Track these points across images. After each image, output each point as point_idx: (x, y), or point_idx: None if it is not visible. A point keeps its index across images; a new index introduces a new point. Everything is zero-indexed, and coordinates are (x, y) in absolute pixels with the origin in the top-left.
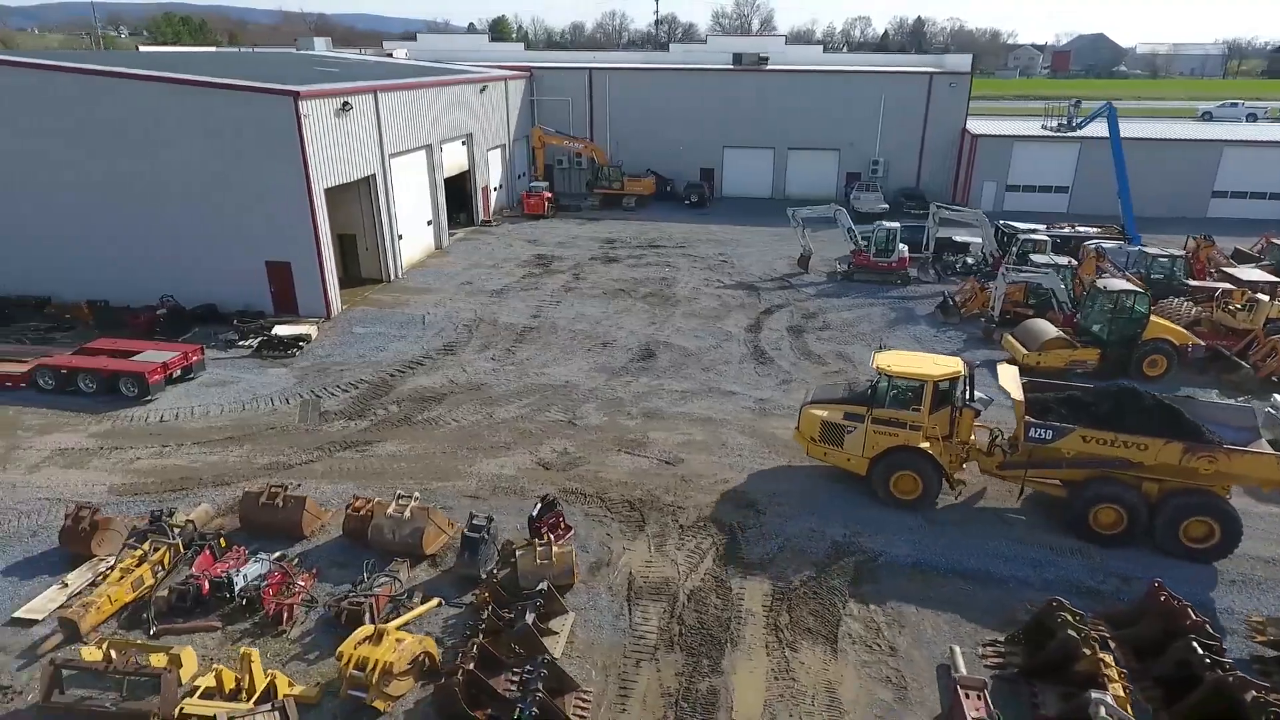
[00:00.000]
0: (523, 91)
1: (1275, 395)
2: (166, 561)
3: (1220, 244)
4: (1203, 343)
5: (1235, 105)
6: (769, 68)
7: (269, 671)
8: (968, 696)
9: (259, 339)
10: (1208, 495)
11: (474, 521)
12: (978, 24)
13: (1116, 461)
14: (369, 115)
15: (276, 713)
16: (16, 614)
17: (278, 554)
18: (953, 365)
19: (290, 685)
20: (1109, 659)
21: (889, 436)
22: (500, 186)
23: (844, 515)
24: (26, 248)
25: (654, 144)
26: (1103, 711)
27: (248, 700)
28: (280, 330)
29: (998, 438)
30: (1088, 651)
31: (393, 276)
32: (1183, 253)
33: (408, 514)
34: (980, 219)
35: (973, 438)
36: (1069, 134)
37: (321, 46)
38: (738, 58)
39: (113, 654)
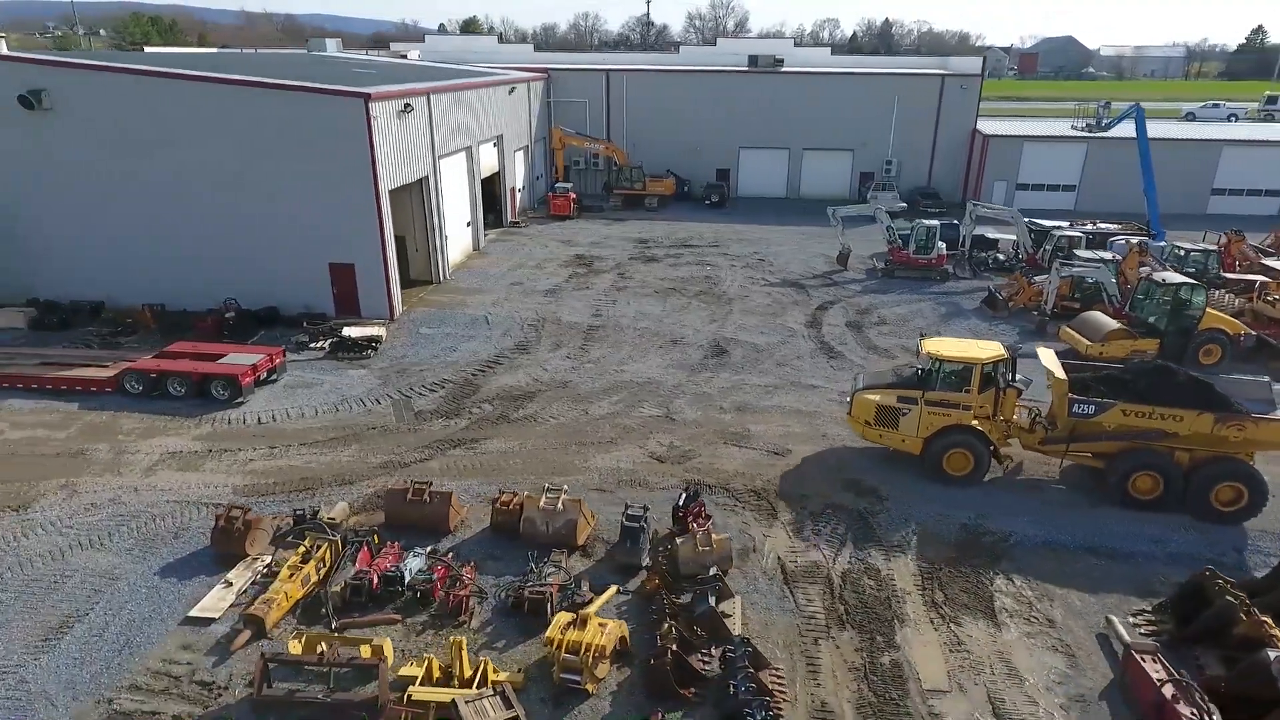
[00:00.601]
0: (540, 93)
1: None
2: (328, 558)
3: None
4: (1253, 332)
5: (1217, 106)
6: (784, 70)
7: (480, 658)
8: (1145, 660)
9: (330, 341)
10: (1236, 461)
11: (630, 511)
12: (945, 26)
13: (1153, 433)
14: (423, 117)
15: (498, 697)
16: (191, 613)
17: (429, 548)
18: (996, 349)
19: (495, 671)
20: (1270, 621)
21: (942, 416)
22: (524, 188)
23: (963, 499)
24: (82, 253)
25: (670, 145)
26: None
27: (459, 687)
28: (350, 332)
29: (1037, 416)
30: (1244, 616)
31: (443, 278)
32: (1216, 247)
33: (560, 506)
34: (1016, 217)
35: (1015, 416)
36: (1100, 134)
37: (333, 48)
38: (753, 60)
39: (323, 646)
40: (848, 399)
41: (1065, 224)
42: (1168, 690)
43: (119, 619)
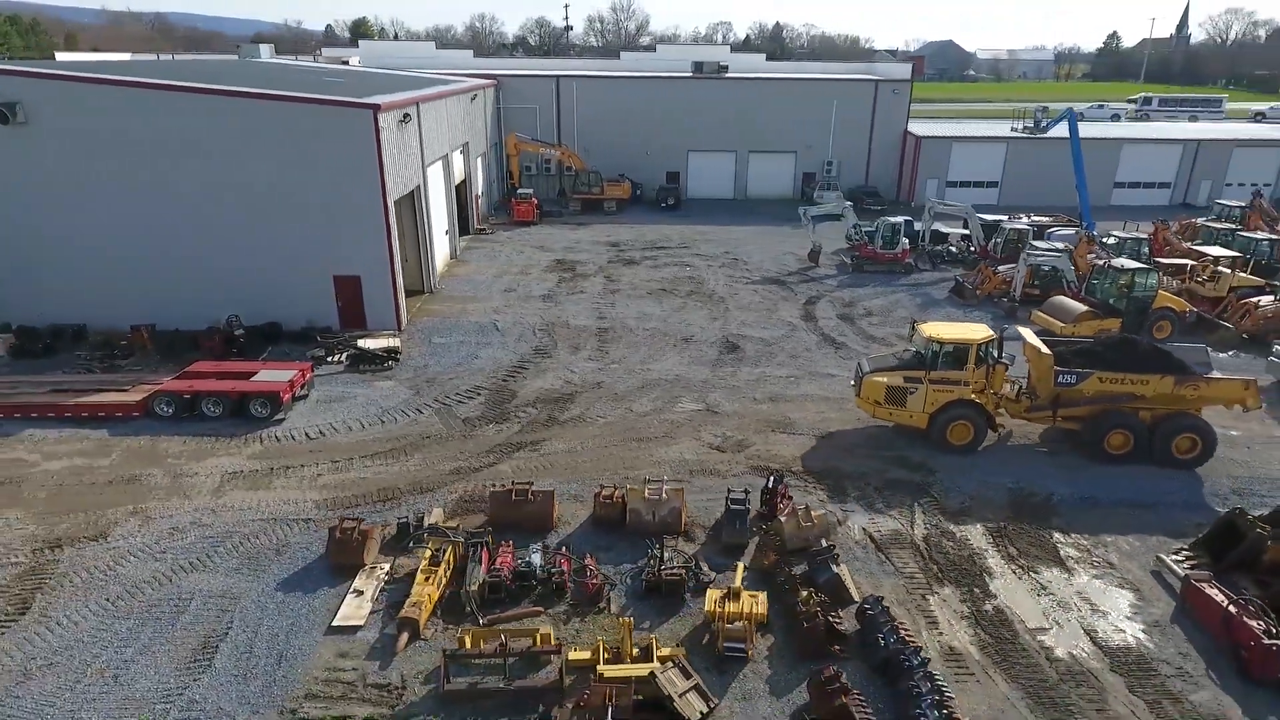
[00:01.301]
0: (491, 100)
1: (1276, 345)
2: (452, 560)
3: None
4: (1194, 309)
5: (1101, 107)
6: (729, 75)
7: (648, 636)
8: (1204, 586)
9: (346, 354)
10: (1191, 416)
11: (734, 495)
12: (833, 30)
13: (1124, 396)
14: (413, 126)
15: (677, 668)
16: (335, 623)
17: (539, 544)
18: (986, 331)
19: (660, 647)
20: None
21: (945, 393)
22: (482, 194)
23: (999, 467)
24: (60, 274)
25: (621, 149)
26: None
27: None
28: (368, 344)
29: (1020, 388)
30: (1271, 544)
31: (434, 287)
32: (1145, 235)
33: (663, 495)
34: (970, 213)
35: (1004, 389)
36: (1039, 135)
37: (266, 55)
38: (698, 66)
39: (503, 638)
40: (853, 384)
41: (1004, 218)
42: (1233, 608)
43: (261, 635)
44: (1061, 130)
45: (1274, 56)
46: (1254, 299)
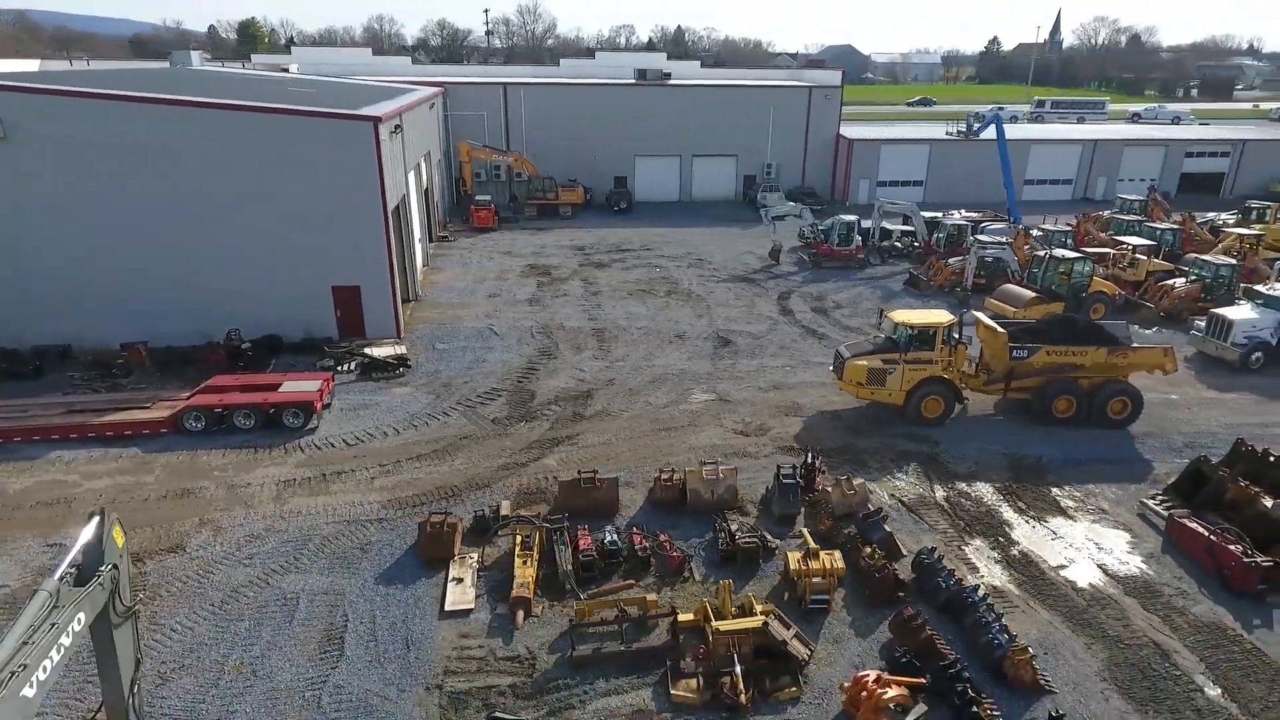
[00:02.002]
0: (439, 107)
1: (1197, 320)
2: (540, 545)
3: (1030, 220)
4: (1123, 292)
5: (1002, 109)
6: (671, 83)
7: (746, 596)
8: (1186, 522)
9: (356, 363)
10: (1122, 382)
11: (784, 471)
12: (733, 33)
13: (1067, 367)
14: (398, 136)
15: (779, 621)
16: (448, 608)
17: (610, 526)
18: (947, 315)
19: (756, 604)
20: (1249, 488)
21: (919, 371)
22: (439, 201)
23: (993, 436)
24: (43, 294)
25: (569, 154)
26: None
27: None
28: (376, 352)
29: (977, 364)
30: (1232, 484)
31: (418, 295)
32: (1069, 227)
33: (720, 475)
34: (914, 210)
35: (964, 365)
36: (972, 138)
37: (197, 61)
38: (641, 73)
39: (621, 606)
40: (832, 369)
41: (940, 214)
42: (1214, 537)
43: (380, 624)
44: (990, 133)
45: (1137, 60)
46: (1168, 282)
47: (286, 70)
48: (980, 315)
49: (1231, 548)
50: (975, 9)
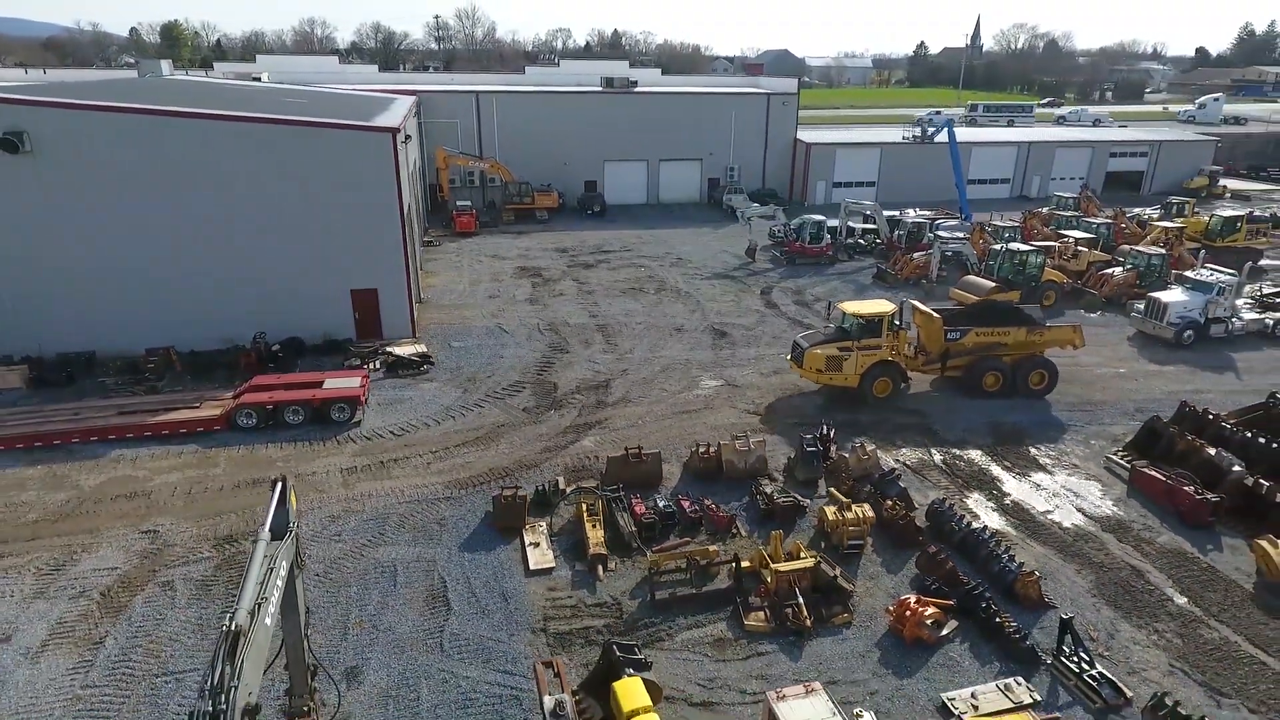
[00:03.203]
0: (413, 114)
1: (1135, 303)
2: (603, 512)
3: (978, 217)
4: (1069, 281)
5: (939, 113)
6: (638, 90)
7: (795, 544)
8: (1147, 470)
9: (380, 361)
10: (1039, 358)
11: (806, 438)
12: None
13: (993, 345)
14: (405, 145)
15: (824, 563)
16: (533, 568)
17: (654, 495)
18: (889, 305)
19: (803, 551)
20: (1194, 440)
21: (870, 356)
22: (419, 207)
23: (972, 407)
24: (68, 303)
25: (541, 160)
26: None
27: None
28: (401, 351)
29: (915, 347)
30: (1180, 439)
31: (421, 297)
32: (1017, 223)
33: (751, 447)
34: (876, 209)
35: (906, 349)
36: (926, 142)
37: (167, 70)
38: (609, 81)
39: (695, 559)
40: (790, 358)
41: (896, 212)
42: (1171, 480)
43: (475, 584)
44: (943, 137)
45: (1054, 64)
46: (1107, 271)
47: (258, 79)
48: (917, 303)
49: (1186, 489)
50: (902, 13)
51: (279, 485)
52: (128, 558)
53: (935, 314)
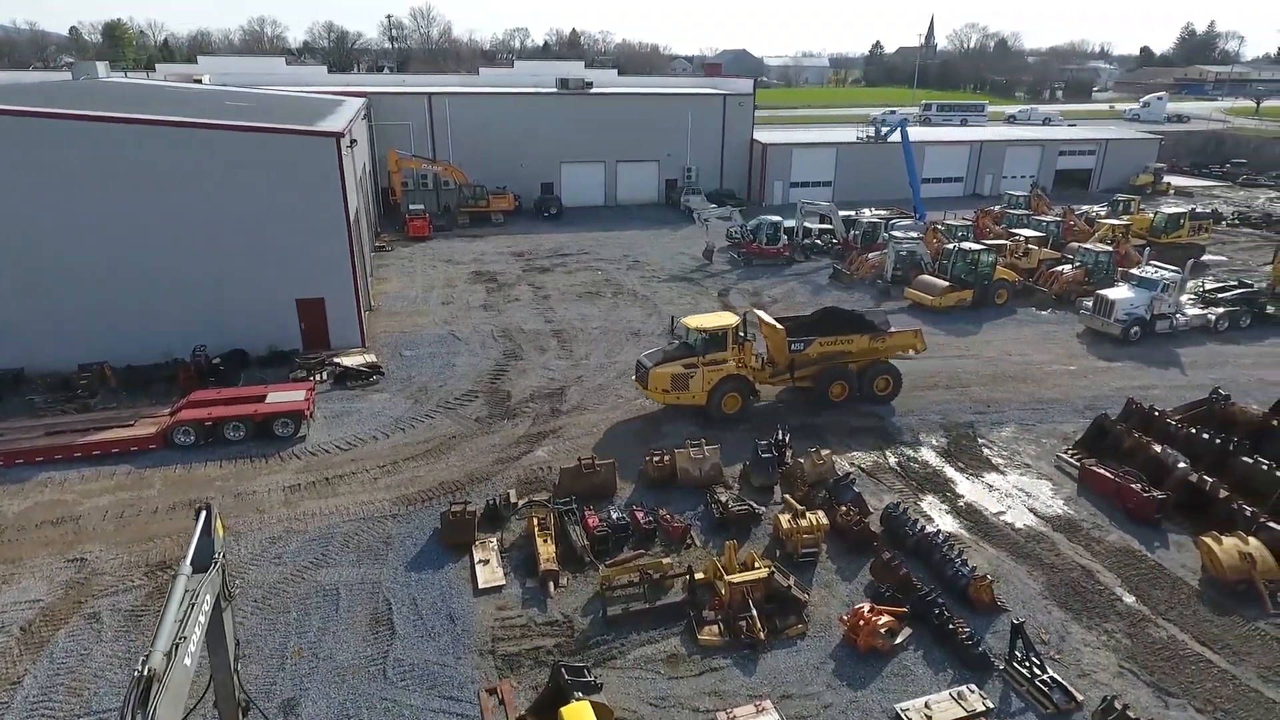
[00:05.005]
0: (360, 116)
1: (1084, 301)
2: (554, 525)
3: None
4: (1021, 279)
5: (894, 112)
6: (594, 91)
7: (750, 554)
8: (1097, 468)
9: (328, 372)
10: (884, 363)
11: (761, 444)
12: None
13: (839, 354)
14: (351, 149)
15: (778, 573)
16: (482, 587)
17: (611, 505)
18: (733, 316)
19: (757, 560)
20: (1141, 437)
21: (717, 372)
22: (370, 212)
23: (931, 409)
24: None
25: (496, 162)
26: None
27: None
28: (348, 362)
29: (761, 359)
30: (1127, 436)
31: (372, 305)
32: (969, 221)
33: (705, 454)
34: (832, 210)
35: (753, 361)
36: (881, 141)
37: (103, 71)
38: (563, 82)
39: (642, 570)
40: (635, 379)
41: (853, 212)
42: (1118, 479)
43: (421, 605)
44: (896, 136)
45: (1006, 64)
46: (1057, 269)
47: (199, 81)
48: (760, 313)
49: (1133, 486)
50: (858, 13)
51: (203, 513)
52: (51, 589)
53: (779, 325)
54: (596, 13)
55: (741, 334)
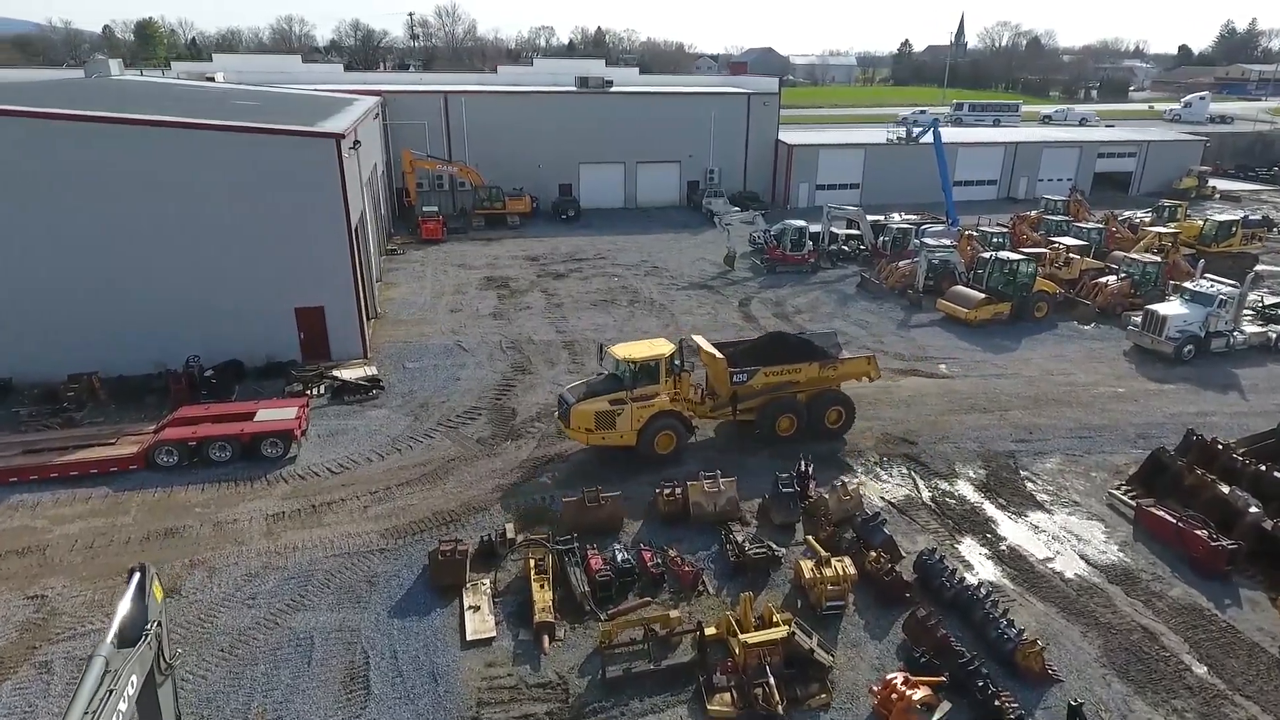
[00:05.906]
0: (372, 116)
1: (1132, 316)
2: (553, 567)
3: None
4: (1062, 291)
5: (924, 112)
6: (614, 90)
7: (768, 607)
8: (1155, 510)
9: (325, 385)
10: (835, 392)
11: (782, 477)
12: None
13: (785, 385)
14: (355, 151)
15: (799, 632)
16: (470, 638)
17: (617, 545)
18: (668, 345)
19: (776, 614)
20: (1204, 474)
21: (647, 408)
22: (384, 214)
23: (960, 434)
24: None
25: (513, 163)
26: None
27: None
28: (347, 374)
29: (702, 391)
30: (1188, 473)
31: (378, 311)
32: (1005, 228)
33: (720, 487)
34: (860, 214)
35: (691, 394)
36: (911, 143)
37: (116, 69)
38: (583, 81)
39: (648, 626)
40: (557, 416)
41: (880, 217)
42: (1182, 524)
43: (402, 659)
44: (928, 138)
45: (1038, 62)
46: (1102, 279)
47: (212, 79)
48: (700, 340)
49: (1198, 533)
50: (886, 11)
51: (136, 575)
52: (4, 630)
53: (719, 353)
54: (623, 10)
55: (678, 363)
